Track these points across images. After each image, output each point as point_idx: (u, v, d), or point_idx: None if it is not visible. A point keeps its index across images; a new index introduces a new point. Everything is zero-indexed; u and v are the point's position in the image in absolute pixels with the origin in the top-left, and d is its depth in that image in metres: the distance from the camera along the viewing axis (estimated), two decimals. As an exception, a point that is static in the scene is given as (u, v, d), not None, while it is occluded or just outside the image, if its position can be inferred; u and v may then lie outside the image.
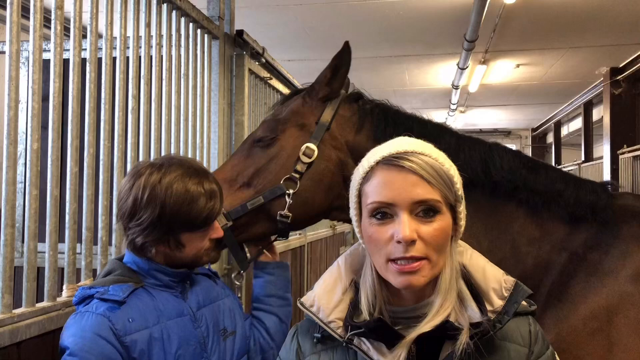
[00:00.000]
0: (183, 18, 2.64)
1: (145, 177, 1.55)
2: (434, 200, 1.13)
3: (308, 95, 2.00)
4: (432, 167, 1.14)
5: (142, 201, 1.52)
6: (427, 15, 7.31)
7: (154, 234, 1.54)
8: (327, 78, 1.97)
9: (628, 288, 1.64)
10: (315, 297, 1.26)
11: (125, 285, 1.53)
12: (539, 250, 1.77)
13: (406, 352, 1.12)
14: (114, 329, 1.44)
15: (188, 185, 1.55)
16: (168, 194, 1.52)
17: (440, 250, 1.14)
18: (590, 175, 11.14)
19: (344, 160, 1.92)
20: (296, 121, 1.96)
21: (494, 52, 9.08)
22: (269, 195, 1.89)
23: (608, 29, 7.89)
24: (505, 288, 1.19)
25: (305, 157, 1.88)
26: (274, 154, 1.93)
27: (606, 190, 1.87)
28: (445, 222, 1.14)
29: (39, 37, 1.73)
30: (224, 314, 1.75)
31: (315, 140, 1.90)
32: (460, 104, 13.19)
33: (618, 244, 1.72)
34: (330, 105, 1.96)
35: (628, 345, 1.57)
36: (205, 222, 1.59)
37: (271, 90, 3.76)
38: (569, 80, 11.11)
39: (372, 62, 9.61)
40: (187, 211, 1.54)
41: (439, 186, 1.13)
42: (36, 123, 1.73)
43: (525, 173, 1.83)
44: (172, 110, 2.53)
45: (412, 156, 1.14)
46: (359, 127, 1.94)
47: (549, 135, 17.28)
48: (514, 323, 1.19)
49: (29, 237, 1.72)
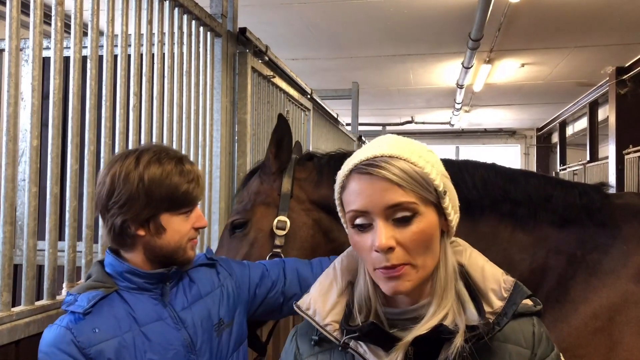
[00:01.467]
0: (185, 15, 2.63)
1: (121, 160, 1.51)
2: (407, 203, 1.10)
3: (263, 173, 2.06)
4: (402, 170, 1.11)
5: (119, 179, 1.47)
6: (432, 14, 7.28)
7: (133, 209, 1.47)
8: (274, 153, 2.02)
9: (630, 287, 1.63)
10: (311, 300, 1.24)
11: (94, 292, 1.47)
12: (533, 255, 1.75)
13: (403, 355, 1.10)
14: (76, 342, 1.40)
15: (165, 163, 1.51)
16: (145, 169, 1.48)
17: (425, 252, 1.12)
18: (595, 175, 11.09)
19: (317, 218, 1.98)
20: (261, 200, 2.01)
21: (498, 51, 9.04)
22: None
23: (614, 28, 7.85)
24: (504, 289, 1.16)
25: (280, 230, 1.94)
26: (252, 238, 1.98)
27: (600, 191, 1.85)
28: (425, 222, 1.12)
29: (39, 34, 1.72)
30: (221, 303, 1.66)
31: (284, 211, 1.96)
32: (464, 103, 13.15)
33: (618, 244, 1.71)
34: (286, 174, 2.02)
35: (630, 345, 1.56)
36: (185, 201, 1.53)
37: (274, 89, 3.74)
38: (574, 79, 11.05)
39: (376, 61, 9.58)
40: (167, 185, 1.48)
41: (410, 187, 1.11)
42: (36, 120, 1.73)
43: (503, 184, 1.80)
44: (174, 108, 2.52)
45: (382, 161, 1.12)
46: (318, 182, 2.00)
47: (554, 135, 17.21)
48: (517, 324, 1.16)
49: (28, 234, 1.72)
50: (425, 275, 1.14)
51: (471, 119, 15.97)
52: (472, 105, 13.99)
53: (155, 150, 1.54)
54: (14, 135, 1.62)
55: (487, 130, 18.51)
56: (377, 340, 1.14)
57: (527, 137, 18.72)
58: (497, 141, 18.93)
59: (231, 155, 3.10)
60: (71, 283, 1.88)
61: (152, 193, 1.47)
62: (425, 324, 1.12)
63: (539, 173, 2.02)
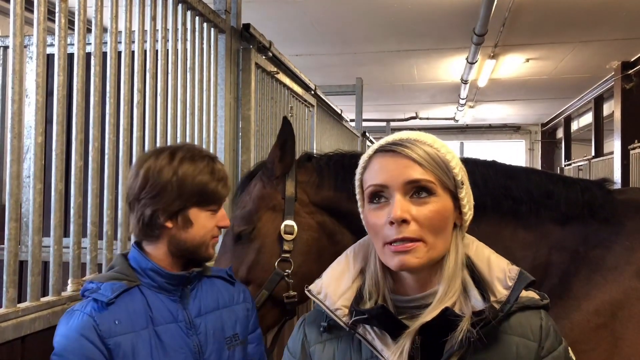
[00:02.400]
0: (189, 11, 2.63)
1: (155, 156, 1.55)
2: (425, 181, 1.15)
3: (265, 177, 2.03)
4: (426, 152, 1.17)
5: (153, 172, 1.52)
6: (436, 9, 7.25)
7: (164, 200, 1.51)
8: (278, 156, 1.99)
9: (633, 283, 1.62)
10: (323, 284, 1.27)
11: (118, 283, 1.49)
12: (535, 253, 1.75)
13: (410, 343, 1.12)
14: (98, 330, 1.42)
15: (197, 160, 1.56)
16: (179, 165, 1.53)
17: (437, 233, 1.15)
18: (600, 171, 11.05)
19: (321, 221, 1.97)
20: (266, 206, 1.98)
21: (503, 46, 9.00)
22: (270, 285, 1.91)
23: (619, 22, 7.80)
24: (509, 277, 1.18)
25: (288, 235, 1.92)
26: (259, 245, 1.95)
27: (603, 187, 1.84)
28: (441, 204, 1.15)
29: (42, 31, 1.72)
30: (237, 320, 1.68)
31: (290, 215, 1.94)
32: (469, 98, 13.12)
33: (621, 240, 1.70)
34: (289, 178, 1.99)
35: (633, 340, 1.56)
36: (213, 198, 1.58)
37: (278, 85, 3.74)
38: (579, 74, 11.00)
39: (380, 57, 9.56)
40: (198, 181, 1.54)
41: (431, 168, 1.16)
42: (40, 117, 1.73)
43: (505, 181, 1.80)
44: (177, 104, 2.52)
45: (407, 142, 1.18)
46: (320, 184, 1.99)
47: (559, 131, 17.15)
48: (524, 317, 1.17)
49: (33, 231, 1.72)
50: (435, 257, 1.16)
51: (475, 114, 15.93)
52: (476, 101, 13.94)
53: (188, 149, 1.59)
54: (19, 132, 1.63)
55: (491, 126, 18.47)
56: (385, 324, 1.15)
57: (531, 132, 18.67)
58: (501, 137, 18.89)
59: (235, 152, 3.10)
60: (77, 279, 1.89)
61: (184, 186, 1.52)
62: (432, 311, 1.13)
63: (540, 170, 2.01)
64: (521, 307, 1.17)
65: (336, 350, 1.21)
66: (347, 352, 1.20)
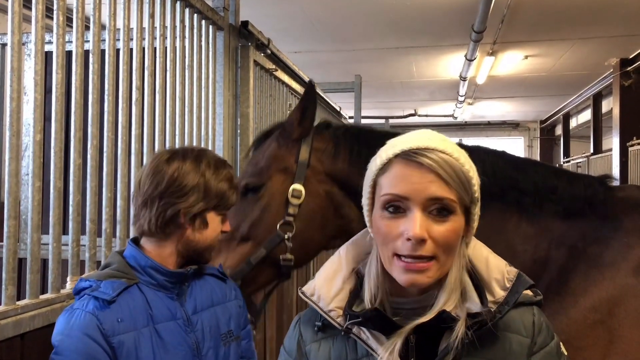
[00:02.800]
0: (187, 9, 2.63)
1: (181, 159, 1.58)
2: (449, 200, 1.11)
3: (282, 138, 2.02)
4: (451, 167, 1.12)
5: (181, 172, 1.56)
6: (435, 6, 7.24)
7: (191, 200, 1.55)
8: (298, 119, 1.98)
9: (629, 280, 1.63)
10: (316, 286, 1.26)
11: (117, 282, 1.48)
12: (536, 247, 1.76)
13: (402, 342, 1.12)
14: (102, 329, 1.41)
15: (220, 167, 1.63)
16: (206, 169, 1.59)
17: (450, 251, 1.13)
18: (599, 168, 11.06)
19: (330, 191, 1.96)
20: (277, 166, 1.98)
21: (502, 43, 9.00)
22: (269, 245, 1.91)
23: (618, 19, 7.80)
24: (507, 279, 1.18)
25: (295, 199, 1.91)
26: (265, 203, 1.95)
27: (604, 183, 1.85)
28: (458, 223, 1.13)
29: (40, 28, 1.72)
30: (231, 317, 1.70)
31: (300, 180, 1.93)
32: (468, 95, 13.11)
33: (619, 237, 1.71)
34: (305, 143, 1.98)
35: (629, 337, 1.56)
36: (228, 203, 1.64)
37: (276, 82, 3.74)
38: (578, 71, 11.00)
39: (379, 54, 9.55)
40: (220, 186, 1.60)
41: (455, 186, 1.11)
42: (39, 115, 1.73)
43: (512, 173, 1.81)
44: (176, 102, 2.52)
45: (432, 153, 1.12)
46: (335, 154, 1.98)
47: (558, 128, 17.15)
48: (518, 313, 1.17)
49: (32, 228, 1.72)
50: (444, 273, 1.15)
51: (474, 111, 15.92)
52: (475, 98, 13.94)
53: (211, 155, 1.67)
54: (17, 129, 1.63)
55: (490, 123, 18.46)
56: (380, 326, 1.15)
57: (530, 129, 18.67)
58: (500, 134, 18.89)
59: (234, 149, 3.11)
60: (75, 277, 1.89)
61: (209, 190, 1.58)
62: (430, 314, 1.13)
63: (547, 163, 2.02)
64: (515, 304, 1.16)
65: (332, 348, 1.22)
66: (342, 350, 1.21)
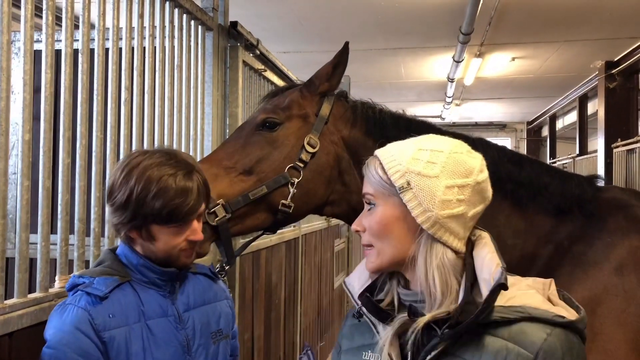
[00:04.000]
0: (176, 9, 2.63)
1: (129, 160, 1.53)
2: (367, 194, 1.31)
3: (306, 89, 2.01)
4: (373, 167, 1.29)
5: (116, 182, 1.50)
6: (423, 7, 7.28)
7: (124, 217, 1.49)
8: (329, 74, 1.99)
9: (612, 279, 1.66)
10: (352, 276, 1.43)
11: (110, 279, 1.51)
12: (524, 242, 1.79)
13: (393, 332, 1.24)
14: (94, 324, 1.43)
15: (162, 174, 1.48)
16: (139, 179, 1.47)
17: (381, 240, 1.26)
18: (584, 169, 11.17)
19: (340, 155, 1.95)
20: (298, 111, 1.96)
21: (489, 45, 9.06)
22: (272, 184, 1.85)
23: (603, 22, 7.89)
24: (493, 278, 1.17)
25: (310, 147, 1.89)
26: (278, 142, 1.90)
27: (592, 183, 1.90)
28: (382, 213, 1.26)
29: (30, 28, 1.72)
30: (221, 315, 1.72)
31: (317, 132, 1.92)
32: (455, 97, 13.18)
33: (603, 236, 1.75)
34: (327, 101, 1.99)
35: (610, 335, 1.60)
36: (173, 217, 1.49)
37: (265, 82, 3.75)
38: (564, 73, 11.10)
39: (368, 55, 9.58)
40: (153, 201, 1.46)
41: (370, 181, 1.30)
42: (28, 114, 1.73)
43: (509, 166, 1.85)
44: (165, 101, 2.53)
45: (369, 158, 1.33)
46: (353, 122, 1.99)
47: (544, 129, 17.29)
48: (529, 327, 1.13)
49: (20, 228, 1.72)
50: (386, 260, 1.27)
51: (462, 112, 16.01)
52: (463, 99, 14.02)
53: (156, 163, 1.50)
54: (6, 129, 1.63)
55: (478, 124, 18.56)
56: (374, 312, 1.29)
57: (517, 130, 18.80)
58: (488, 134, 18.97)
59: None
60: (64, 276, 1.89)
61: (140, 207, 1.47)
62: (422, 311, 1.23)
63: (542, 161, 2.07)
64: (528, 318, 1.13)
65: (357, 331, 1.39)
66: (364, 334, 1.36)
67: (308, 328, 4.94)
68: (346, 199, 1.95)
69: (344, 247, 7.08)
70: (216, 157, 1.93)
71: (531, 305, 1.14)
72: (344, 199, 1.95)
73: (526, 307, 1.14)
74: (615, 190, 2.00)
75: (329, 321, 5.95)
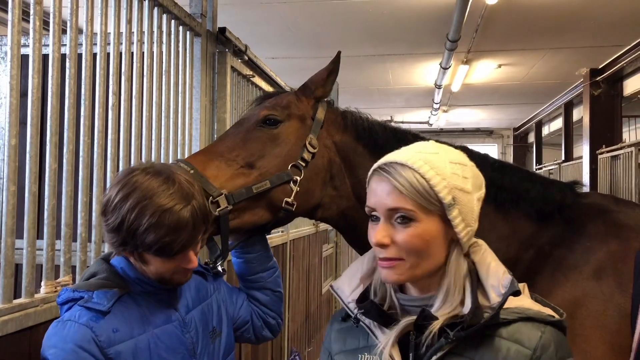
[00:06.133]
0: (165, 15, 2.63)
1: (128, 177, 1.45)
2: (404, 209, 1.23)
3: (302, 93, 2.03)
4: (407, 179, 1.23)
5: (111, 202, 1.44)
6: (411, 14, 7.34)
7: (116, 240, 1.44)
8: (324, 79, 2.02)
9: (591, 283, 1.70)
10: (341, 281, 1.45)
11: (110, 292, 1.45)
12: (507, 247, 1.83)
13: (396, 336, 1.25)
14: (97, 341, 1.37)
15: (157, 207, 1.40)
16: (132, 207, 1.40)
17: (419, 254, 1.23)
18: (570, 174, 11.29)
19: (332, 159, 1.98)
20: (297, 112, 1.97)
21: (476, 52, 9.15)
22: (276, 180, 1.83)
23: (588, 30, 8.00)
24: (502, 285, 1.25)
25: (311, 147, 1.91)
26: (280, 138, 1.90)
27: (573, 189, 1.95)
28: (422, 229, 1.23)
29: (17, 32, 1.72)
30: (213, 312, 1.71)
31: (315, 134, 1.94)
32: (443, 103, 13.27)
33: (582, 241, 1.79)
34: (321, 106, 2.02)
35: (589, 337, 1.63)
36: (162, 254, 1.44)
37: (254, 88, 3.76)
38: (550, 80, 11.24)
39: (356, 61, 9.63)
40: (144, 235, 1.40)
41: (410, 195, 1.22)
42: (14, 119, 1.72)
43: (492, 173, 1.89)
44: (153, 107, 2.52)
45: (392, 167, 1.25)
46: (344, 128, 2.02)
47: (530, 135, 17.46)
48: (526, 327, 1.22)
49: (6, 233, 1.71)
50: (419, 274, 1.26)
51: (449, 118, 16.11)
52: (450, 105, 14.12)
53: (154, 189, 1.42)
54: (-8, 133, 1.62)
55: (465, 130, 18.69)
56: (377, 317, 1.30)
57: (504, 136, 18.97)
58: (474, 140, 19.13)
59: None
60: (50, 281, 1.88)
61: (133, 236, 1.42)
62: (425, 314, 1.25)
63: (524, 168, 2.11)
64: (524, 318, 1.23)
65: (348, 335, 1.39)
66: (357, 338, 1.37)
67: (296, 333, 4.94)
68: (336, 202, 1.97)
69: (332, 252, 7.09)
70: (216, 149, 1.90)
71: (525, 307, 1.25)
72: (334, 202, 1.97)
73: (522, 309, 1.24)
74: (595, 196, 2.04)
75: (317, 326, 5.95)
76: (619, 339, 1.61)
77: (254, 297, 1.89)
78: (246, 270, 1.89)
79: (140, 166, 1.51)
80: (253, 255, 1.88)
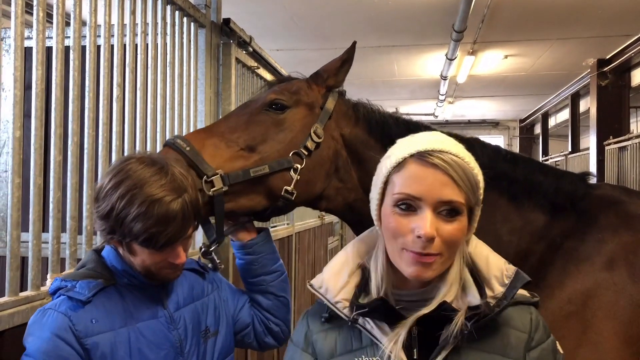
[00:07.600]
0: (169, 6, 2.62)
1: (122, 166, 1.45)
2: (458, 203, 1.18)
3: (313, 81, 1.99)
4: (463, 170, 1.19)
5: (103, 190, 1.43)
6: (416, 5, 7.29)
7: (104, 228, 1.44)
8: (337, 68, 1.98)
9: (602, 274, 1.69)
10: (324, 279, 1.33)
11: (94, 282, 1.45)
12: (519, 239, 1.82)
13: (406, 332, 1.19)
14: (74, 330, 1.37)
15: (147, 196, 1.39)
16: (122, 195, 1.39)
17: (454, 248, 1.22)
18: (577, 166, 11.23)
19: (339, 151, 1.93)
20: (306, 99, 1.93)
21: (482, 43, 9.09)
22: (275, 165, 1.78)
23: (595, 20, 7.93)
24: (506, 275, 1.26)
25: (316, 136, 1.85)
26: (285, 124, 1.85)
27: (584, 180, 1.93)
28: (463, 223, 1.21)
29: (20, 24, 1.71)
30: (208, 312, 1.68)
31: (321, 124, 1.89)
32: (448, 94, 13.21)
33: (594, 232, 1.78)
34: (332, 96, 1.97)
35: (601, 328, 1.62)
36: (149, 244, 1.42)
37: (258, 80, 3.74)
38: (557, 71, 11.16)
39: (361, 53, 9.53)
40: (132, 224, 1.39)
41: (465, 189, 1.19)
42: (18, 111, 1.72)
43: (504, 164, 1.88)
44: (157, 99, 2.52)
45: (445, 155, 1.19)
46: (356, 121, 1.97)
47: (537, 126, 17.37)
48: (516, 311, 1.26)
49: (12, 226, 1.71)
50: (445, 268, 1.23)
51: (455, 110, 16.05)
52: (455, 97, 14.06)
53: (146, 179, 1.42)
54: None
55: (470, 122, 18.62)
56: (385, 316, 1.23)
57: (510, 128, 18.88)
58: (480, 132, 19.05)
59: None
60: (55, 274, 1.88)
61: (121, 224, 1.41)
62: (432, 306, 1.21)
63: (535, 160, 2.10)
64: (514, 303, 1.25)
65: (338, 338, 1.29)
66: (348, 339, 1.28)
67: (302, 326, 4.94)
68: (342, 194, 1.94)
69: (338, 245, 7.09)
70: (217, 129, 1.86)
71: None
72: (339, 194, 1.94)
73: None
74: (606, 188, 2.02)
75: (323, 319, 5.95)
76: (631, 329, 1.60)
77: (256, 301, 1.85)
78: (248, 271, 1.85)
79: (137, 155, 1.51)
80: (255, 257, 1.83)
